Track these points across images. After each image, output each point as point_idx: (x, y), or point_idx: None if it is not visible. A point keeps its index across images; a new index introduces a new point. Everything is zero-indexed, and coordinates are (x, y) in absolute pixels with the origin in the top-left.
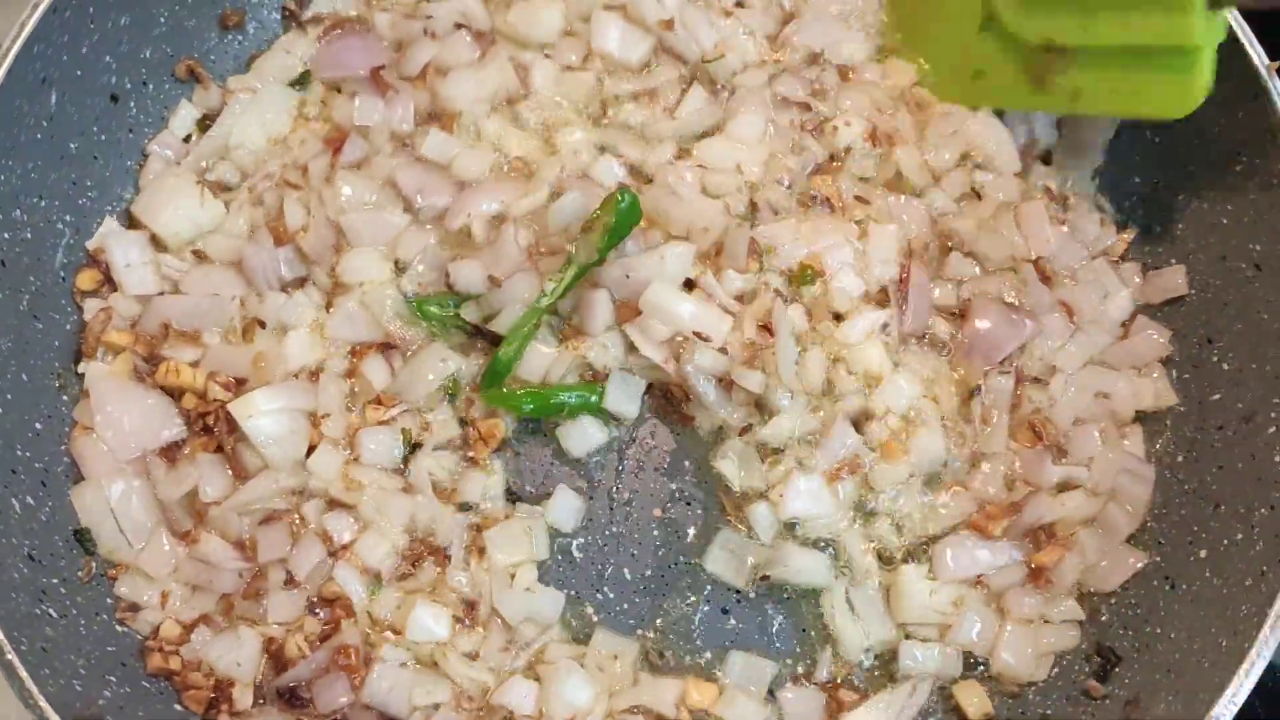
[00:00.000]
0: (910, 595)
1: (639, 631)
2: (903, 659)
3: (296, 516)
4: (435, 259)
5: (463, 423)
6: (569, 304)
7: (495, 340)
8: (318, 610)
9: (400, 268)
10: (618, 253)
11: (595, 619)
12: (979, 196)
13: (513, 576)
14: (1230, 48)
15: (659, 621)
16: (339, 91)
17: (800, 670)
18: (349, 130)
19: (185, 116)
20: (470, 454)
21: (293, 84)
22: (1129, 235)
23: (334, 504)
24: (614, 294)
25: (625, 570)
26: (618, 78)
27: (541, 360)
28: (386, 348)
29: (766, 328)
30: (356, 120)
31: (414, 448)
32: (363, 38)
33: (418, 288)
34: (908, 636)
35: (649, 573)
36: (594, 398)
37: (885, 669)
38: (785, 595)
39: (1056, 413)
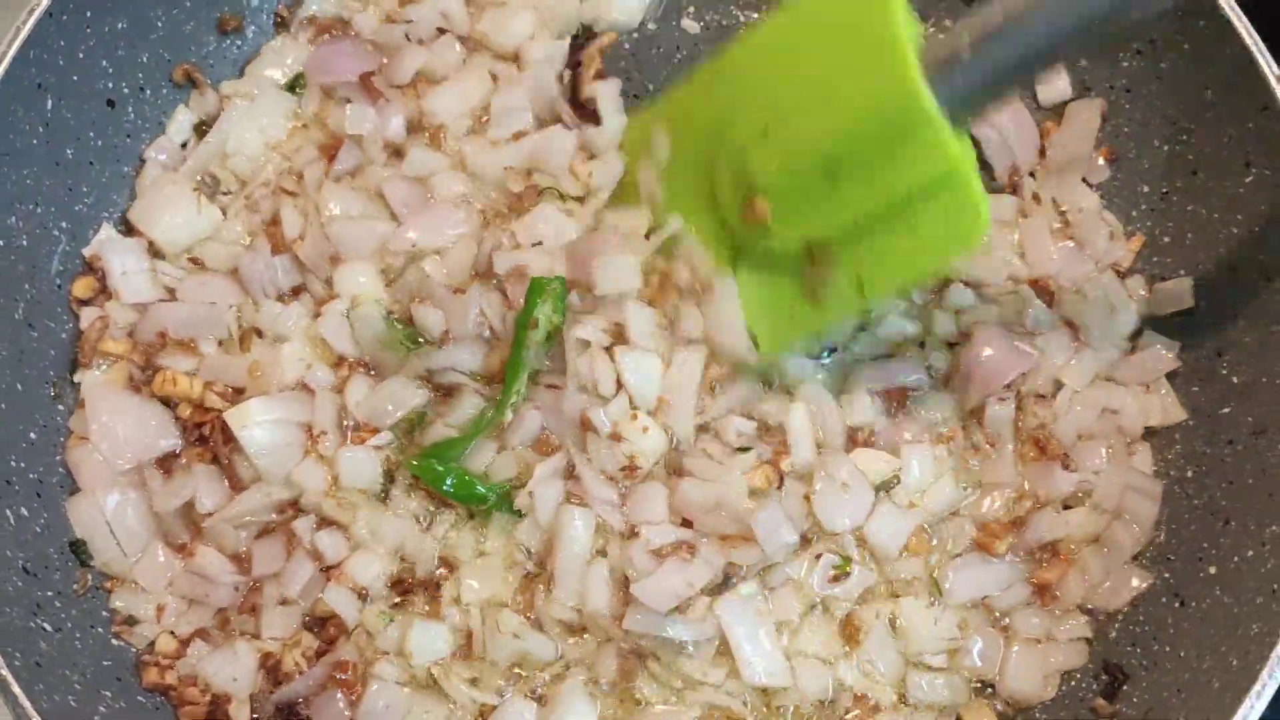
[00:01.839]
0: (915, 628)
1: None
2: (911, 690)
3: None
4: (411, 284)
5: None
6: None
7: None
8: (313, 627)
9: (389, 279)
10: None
11: None
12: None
13: (497, 619)
14: (1240, 58)
15: None
16: (332, 98)
17: None
18: (344, 138)
19: (182, 122)
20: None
21: (287, 88)
22: (1136, 245)
23: (326, 522)
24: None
25: None
26: None
27: (486, 455)
28: (370, 369)
29: None
30: (348, 129)
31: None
32: (354, 42)
33: (396, 307)
34: (914, 665)
35: None
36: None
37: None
38: None
39: (1060, 429)
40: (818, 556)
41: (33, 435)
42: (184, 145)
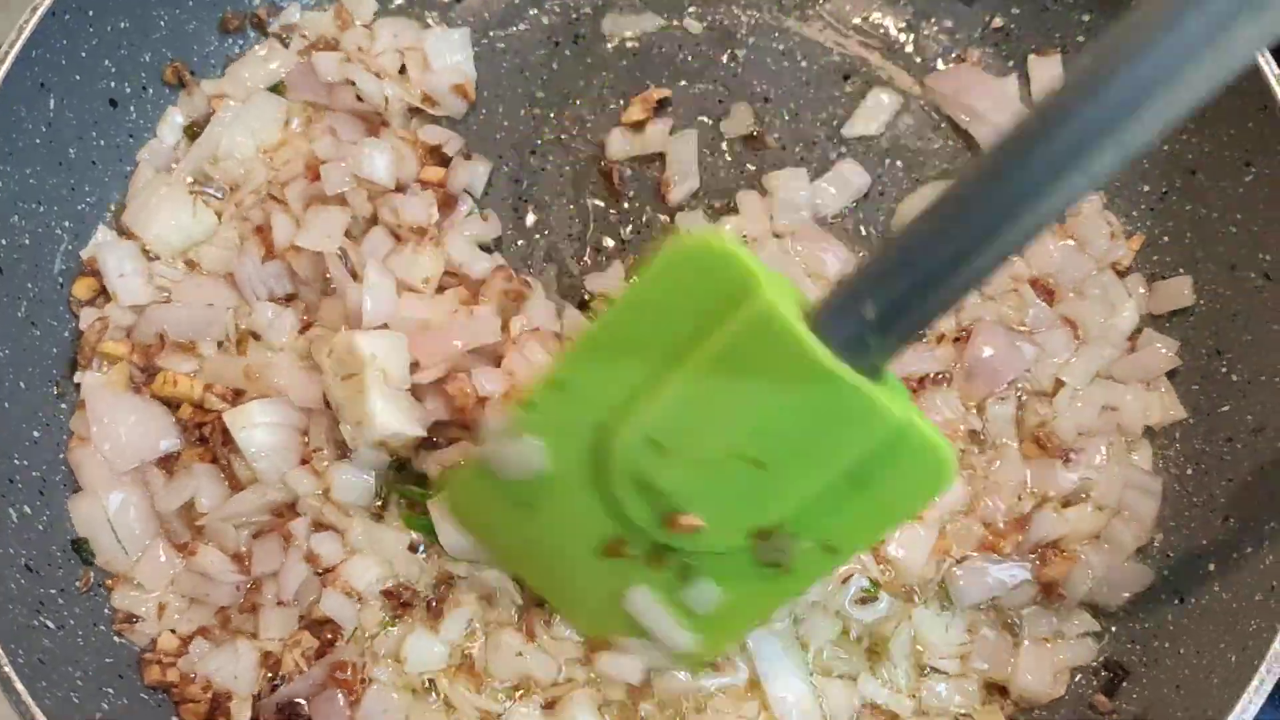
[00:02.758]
0: (928, 635)
1: None
2: (925, 698)
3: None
4: None
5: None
6: None
7: None
8: (313, 627)
9: None
10: None
11: None
12: None
13: (499, 639)
14: None
15: None
16: (317, 112)
17: None
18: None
19: (173, 123)
20: None
21: (273, 89)
22: (1136, 244)
23: (322, 526)
24: None
25: None
26: None
27: None
28: None
29: None
30: (321, 155)
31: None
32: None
33: None
34: (928, 672)
35: None
36: None
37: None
38: None
39: (1061, 426)
40: (844, 580)
41: (36, 434)
42: (175, 146)
